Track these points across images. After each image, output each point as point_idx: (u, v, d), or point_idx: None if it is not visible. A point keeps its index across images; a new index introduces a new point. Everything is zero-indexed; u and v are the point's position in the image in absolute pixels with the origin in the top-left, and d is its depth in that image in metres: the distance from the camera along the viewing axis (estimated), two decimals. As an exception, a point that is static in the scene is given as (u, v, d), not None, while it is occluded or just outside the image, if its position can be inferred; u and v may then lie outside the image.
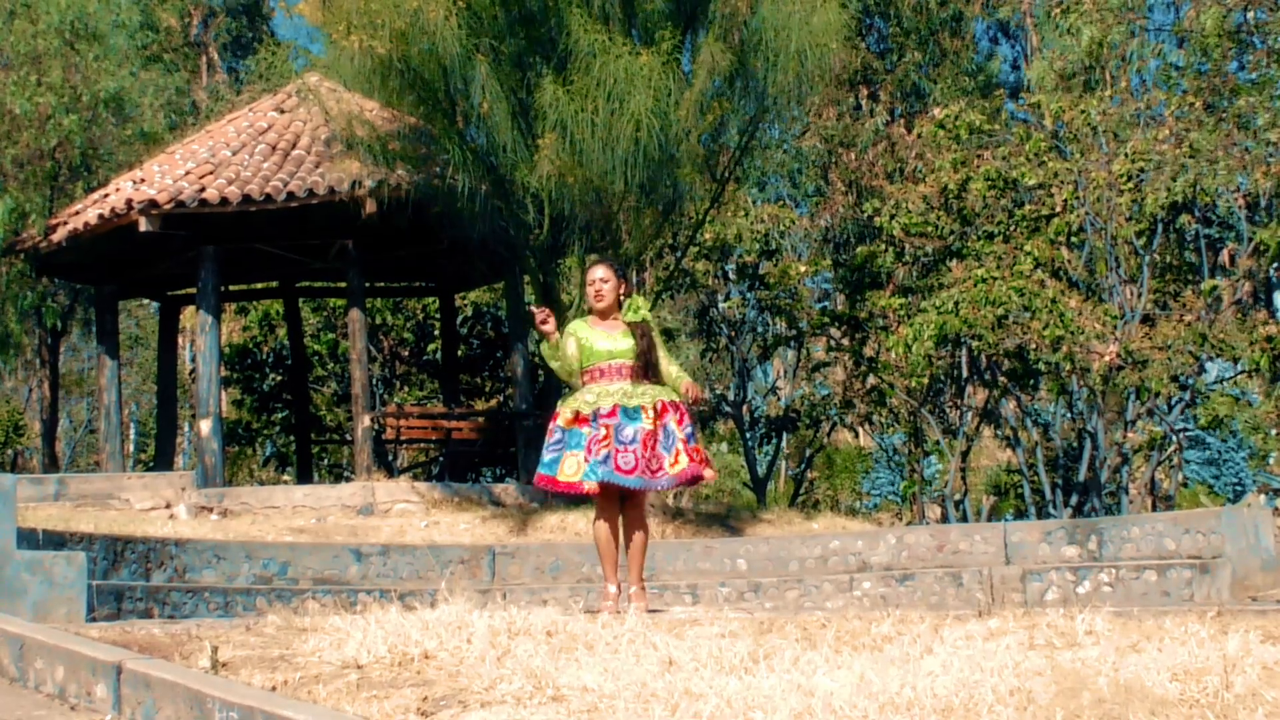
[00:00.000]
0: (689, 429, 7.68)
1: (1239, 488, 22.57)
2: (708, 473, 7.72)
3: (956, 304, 16.80)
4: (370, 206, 16.89)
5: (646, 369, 7.69)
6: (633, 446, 7.46)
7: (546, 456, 7.67)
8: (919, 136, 21.02)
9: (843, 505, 27.85)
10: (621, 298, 7.89)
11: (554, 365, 7.83)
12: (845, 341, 21.35)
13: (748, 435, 22.89)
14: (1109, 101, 18.91)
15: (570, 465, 7.59)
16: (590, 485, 7.54)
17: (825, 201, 28.06)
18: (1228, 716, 3.99)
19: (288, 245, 18.86)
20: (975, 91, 30.62)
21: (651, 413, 7.55)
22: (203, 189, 17.18)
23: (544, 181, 15.33)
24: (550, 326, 7.70)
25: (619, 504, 7.68)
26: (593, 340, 7.73)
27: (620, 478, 7.43)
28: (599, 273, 7.88)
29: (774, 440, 23.74)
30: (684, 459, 7.52)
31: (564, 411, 7.67)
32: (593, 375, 7.71)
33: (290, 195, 17.07)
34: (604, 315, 7.84)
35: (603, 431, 7.51)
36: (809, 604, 11.02)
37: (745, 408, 23.12)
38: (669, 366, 7.85)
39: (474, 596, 7.34)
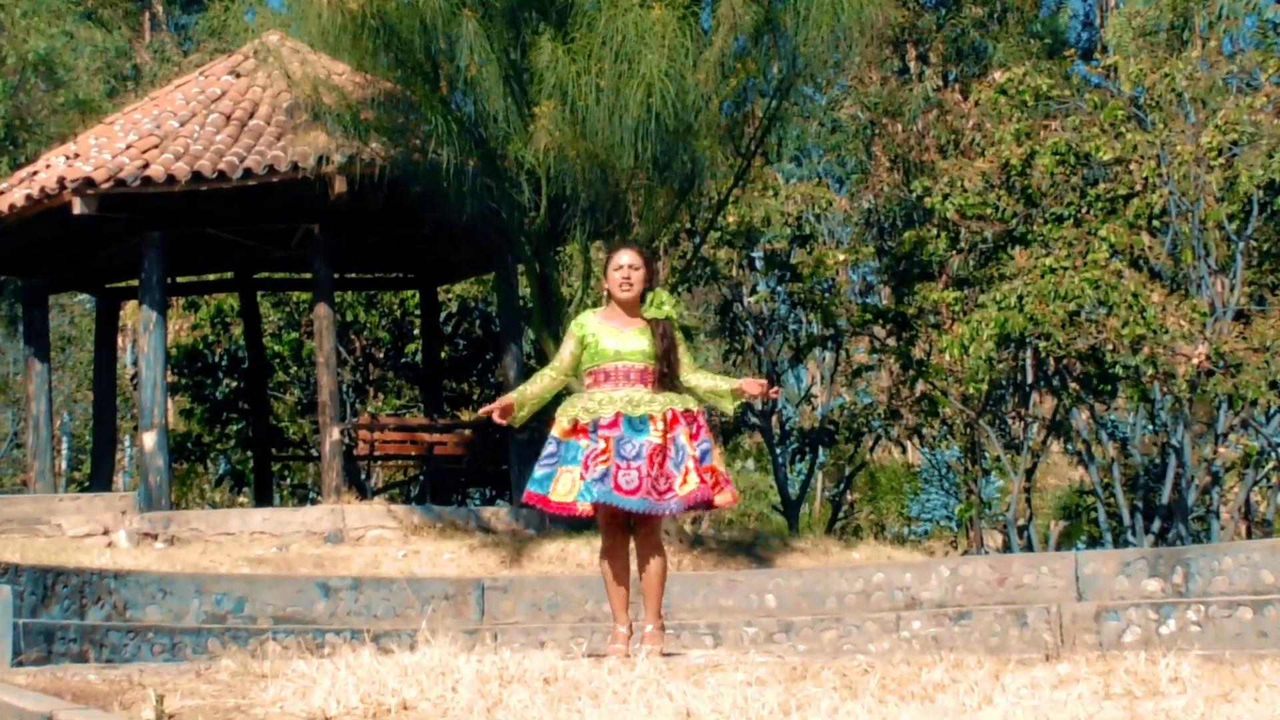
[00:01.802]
0: (705, 445, 7.61)
1: (1349, 511, 22.50)
2: (722, 498, 7.65)
3: (1020, 298, 16.79)
4: (340, 185, 16.90)
5: (664, 375, 7.64)
6: (637, 463, 7.40)
7: (538, 472, 7.62)
8: (976, 104, 21.00)
9: (888, 532, 27.85)
10: (644, 289, 7.85)
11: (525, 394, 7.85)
12: (891, 342, 21.34)
13: (778, 451, 22.88)
14: (1196, 64, 18.88)
15: (564, 483, 7.54)
16: (584, 507, 7.50)
17: (867, 179, 28.05)
18: (1336, 777, 3.99)
19: (244, 230, 18.87)
20: (1041, 52, 30.59)
21: (661, 424, 7.49)
22: (146, 165, 17.20)
23: (541, 156, 15.33)
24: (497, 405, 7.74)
25: (627, 530, 7.66)
26: (600, 337, 7.68)
27: (620, 498, 7.37)
28: (627, 258, 7.82)
29: (808, 457, 23.72)
30: (694, 479, 7.46)
31: (561, 420, 7.63)
32: (596, 378, 7.66)
33: (247, 172, 17.08)
34: (627, 308, 7.80)
35: (602, 444, 7.46)
36: (849, 646, 11.02)
37: (775, 419, 23.11)
38: (689, 373, 7.78)
39: (460, 638, 7.34)
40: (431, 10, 15.48)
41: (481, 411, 7.77)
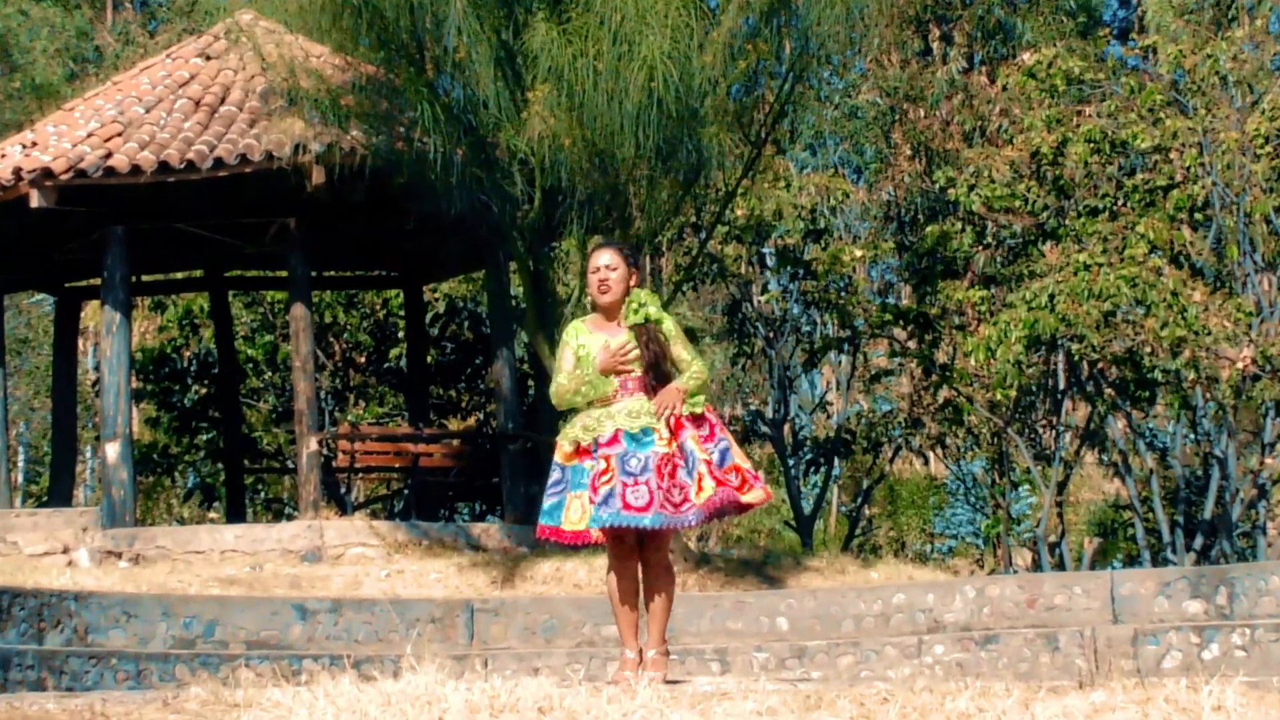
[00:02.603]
0: (723, 443, 7.59)
1: (1406, 527, 22.52)
2: (752, 495, 7.62)
3: (1052, 297, 16.79)
4: (318, 176, 16.91)
5: (652, 389, 7.61)
6: (644, 477, 7.39)
7: (547, 502, 7.62)
8: (1004, 88, 21.00)
9: (909, 549, 27.84)
10: (632, 290, 7.82)
11: (576, 401, 7.70)
12: (912, 344, 21.34)
13: (790, 462, 22.88)
14: (1241, 44, 18.89)
15: (575, 510, 7.53)
16: (597, 533, 7.52)
17: (887, 169, 28.08)
18: (1391, 814, 3.99)
19: (215, 225, 18.89)
20: (1074, 32, 30.61)
21: (665, 432, 7.48)
22: (109, 155, 17.22)
23: (535, 144, 15.34)
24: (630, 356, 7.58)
25: (636, 548, 7.65)
26: (591, 348, 7.67)
27: (632, 517, 7.37)
28: (604, 258, 7.79)
29: (823, 469, 23.73)
30: (709, 484, 7.45)
31: (562, 444, 7.63)
32: (596, 391, 7.68)
33: (218, 162, 17.10)
34: (610, 313, 7.79)
35: (603, 464, 7.47)
36: (867, 673, 11.02)
37: (787, 427, 23.11)
38: (690, 364, 7.73)
39: (448, 664, 7.34)
40: (417, -13, 15.50)
41: (615, 352, 7.57)
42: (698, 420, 7.60)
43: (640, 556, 7.65)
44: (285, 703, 5.83)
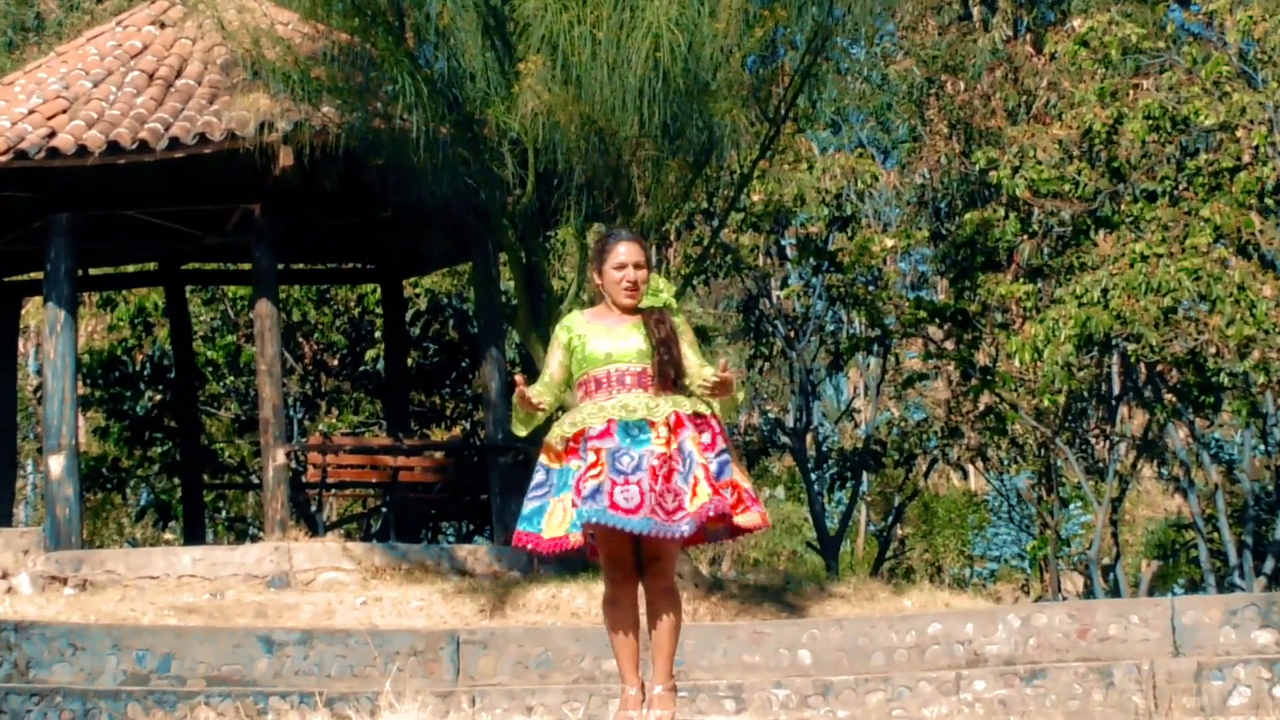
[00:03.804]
0: (723, 456, 7.56)
1: None
2: (746, 518, 7.60)
3: (1105, 292, 16.80)
4: (286, 158, 16.92)
5: (664, 366, 7.58)
6: (636, 477, 7.32)
7: (528, 507, 7.59)
8: (1052, 58, 21.01)
9: (947, 574, 27.86)
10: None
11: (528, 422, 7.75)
12: (949, 345, 21.36)
13: (813, 476, 22.90)
14: (1317, 10, 18.91)
15: (557, 515, 7.51)
16: (577, 537, 7.48)
17: (920, 149, 28.07)
18: None
19: (171, 212, 18.90)
20: (1131, -5, 30.63)
21: (664, 430, 7.45)
22: (52, 134, 17.24)
23: (527, 122, 15.35)
24: (532, 396, 7.60)
25: (635, 569, 7.63)
26: (588, 339, 7.64)
27: (619, 518, 7.31)
28: (632, 253, 7.71)
29: (850, 484, 23.74)
30: (705, 490, 7.39)
31: (553, 444, 7.60)
32: (586, 388, 7.62)
33: (174, 142, 17.11)
34: (623, 305, 7.77)
35: (593, 457, 7.43)
36: (899, 712, 11.03)
37: (809, 438, 23.12)
38: (700, 370, 7.72)
39: (431, 701, 7.37)
40: (395, -53, 15.53)
41: (516, 394, 7.62)
42: (700, 423, 7.57)
43: (641, 580, 7.62)
44: (250, 745, 5.85)
